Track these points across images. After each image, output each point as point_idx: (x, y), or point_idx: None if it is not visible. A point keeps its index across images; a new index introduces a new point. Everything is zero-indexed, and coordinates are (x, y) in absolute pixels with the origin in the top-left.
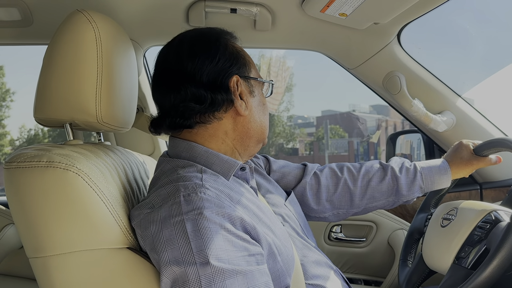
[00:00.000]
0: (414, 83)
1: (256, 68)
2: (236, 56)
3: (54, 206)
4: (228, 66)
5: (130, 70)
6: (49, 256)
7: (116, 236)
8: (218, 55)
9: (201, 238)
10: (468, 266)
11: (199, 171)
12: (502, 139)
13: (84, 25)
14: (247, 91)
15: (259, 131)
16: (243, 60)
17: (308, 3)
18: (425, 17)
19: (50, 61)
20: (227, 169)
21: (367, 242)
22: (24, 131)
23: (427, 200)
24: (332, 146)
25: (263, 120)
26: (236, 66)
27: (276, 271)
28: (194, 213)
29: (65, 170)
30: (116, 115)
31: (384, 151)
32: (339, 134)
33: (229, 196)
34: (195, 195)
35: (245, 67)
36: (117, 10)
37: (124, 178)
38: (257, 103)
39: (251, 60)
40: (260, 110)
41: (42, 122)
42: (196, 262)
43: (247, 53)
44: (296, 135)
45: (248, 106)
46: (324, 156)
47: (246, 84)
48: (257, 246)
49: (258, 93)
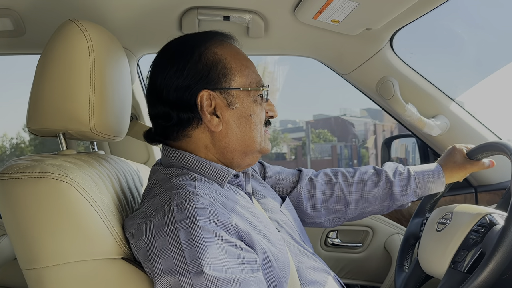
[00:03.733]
0: (407, 87)
1: (248, 74)
2: (211, 66)
3: (47, 217)
4: (196, 81)
5: (123, 79)
6: (43, 267)
7: (110, 246)
8: (187, 69)
9: (195, 247)
10: (464, 270)
11: (193, 179)
12: (494, 143)
13: (76, 34)
14: (223, 104)
15: (243, 144)
16: (222, 70)
17: (301, 10)
18: (418, 22)
19: (43, 71)
20: (220, 178)
21: (364, 247)
22: (6, 139)
23: (422, 205)
24: (316, 151)
25: (247, 132)
26: (207, 79)
27: (272, 277)
28: (188, 221)
29: (58, 180)
30: (110, 124)
31: (373, 155)
32: (328, 138)
33: (222, 203)
34: (189, 203)
35: (225, 77)
36: (110, 19)
37: (118, 187)
38: (239, 115)
39: (241, 66)
40: (243, 122)
41: (35, 132)
42: (190, 272)
43: (237, 58)
44: (280, 140)
45: (224, 120)
46: (307, 161)
47: (222, 96)
48: (252, 253)
49: (242, 104)
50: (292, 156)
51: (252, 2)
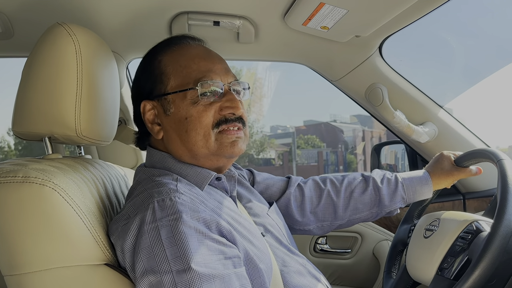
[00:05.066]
0: (396, 94)
1: (185, 75)
2: (150, 74)
3: (29, 222)
4: (141, 91)
5: (111, 83)
6: (25, 273)
7: (94, 252)
8: (137, 78)
9: (176, 244)
10: (451, 277)
11: (174, 179)
12: (482, 150)
13: (64, 38)
14: (161, 111)
15: (185, 149)
16: (159, 76)
17: (290, 16)
18: (407, 29)
19: (29, 74)
20: (200, 180)
21: (352, 254)
22: None
23: (410, 211)
24: (303, 157)
25: (184, 136)
26: (146, 87)
27: (258, 278)
28: (169, 218)
29: (41, 185)
30: (97, 128)
31: (361, 161)
32: (316, 144)
33: (203, 203)
34: (169, 200)
35: (160, 84)
36: (100, 23)
37: (103, 192)
38: (175, 120)
39: (178, 67)
40: (180, 126)
41: (21, 135)
42: (172, 270)
43: (176, 60)
44: (266, 145)
45: (164, 127)
46: (292, 166)
47: (159, 104)
48: (234, 248)
49: (177, 108)
50: (280, 161)
51: (242, 8)
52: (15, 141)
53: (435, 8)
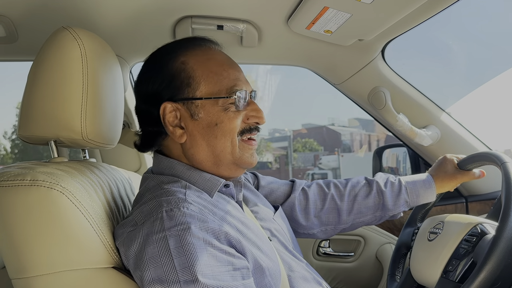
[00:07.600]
0: (399, 98)
1: (216, 82)
2: (174, 76)
3: (37, 225)
4: (160, 91)
5: (115, 87)
6: (32, 277)
7: (101, 255)
8: (153, 77)
9: (184, 255)
10: (456, 280)
11: (183, 186)
12: (485, 153)
13: (69, 42)
14: (187, 115)
15: (211, 155)
16: (186, 79)
17: (294, 20)
18: (409, 33)
19: (35, 78)
20: (209, 187)
21: (355, 257)
22: None
23: (413, 214)
24: (299, 160)
25: (213, 142)
26: (169, 89)
27: (264, 286)
28: (177, 228)
29: (49, 188)
30: (102, 132)
31: None
32: (314, 147)
33: (212, 212)
34: (178, 210)
35: (188, 87)
36: (103, 27)
37: (109, 195)
38: (203, 125)
39: (208, 73)
40: (209, 132)
41: (26, 139)
42: (180, 281)
43: (205, 65)
44: (263, 149)
45: (188, 131)
46: (289, 170)
47: (185, 107)
48: (243, 259)
49: (207, 113)
50: (277, 165)
51: (246, 12)
52: (11, 145)
53: (438, 12)
